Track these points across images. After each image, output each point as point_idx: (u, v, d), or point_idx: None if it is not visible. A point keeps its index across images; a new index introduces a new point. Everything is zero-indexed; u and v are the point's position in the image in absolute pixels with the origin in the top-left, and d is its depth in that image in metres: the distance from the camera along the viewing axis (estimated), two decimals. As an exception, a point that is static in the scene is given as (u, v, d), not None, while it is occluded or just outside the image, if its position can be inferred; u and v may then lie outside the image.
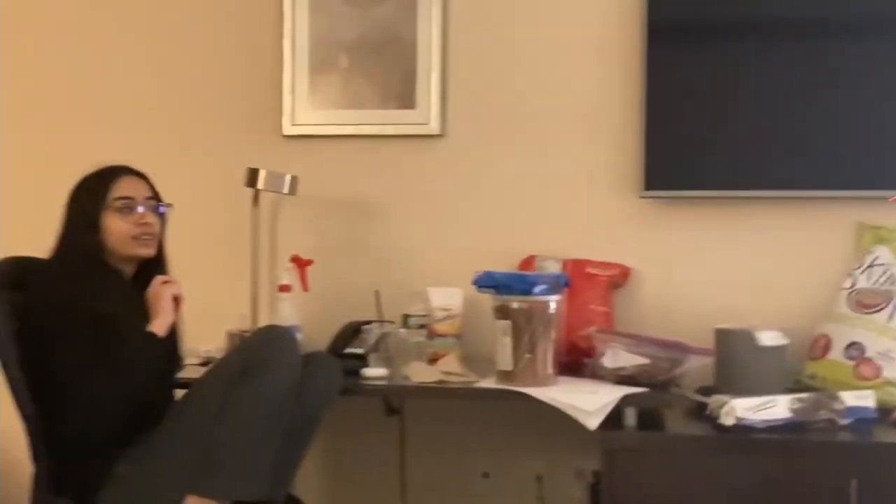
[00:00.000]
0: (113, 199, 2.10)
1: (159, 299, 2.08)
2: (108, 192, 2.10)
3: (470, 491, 2.68)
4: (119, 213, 2.10)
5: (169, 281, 2.12)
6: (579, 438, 2.27)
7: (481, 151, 2.69)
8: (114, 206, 2.10)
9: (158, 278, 2.12)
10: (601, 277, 2.52)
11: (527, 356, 2.17)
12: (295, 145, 2.76)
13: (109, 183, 2.11)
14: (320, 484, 2.70)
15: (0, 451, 2.80)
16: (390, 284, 2.53)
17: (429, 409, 2.66)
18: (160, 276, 2.13)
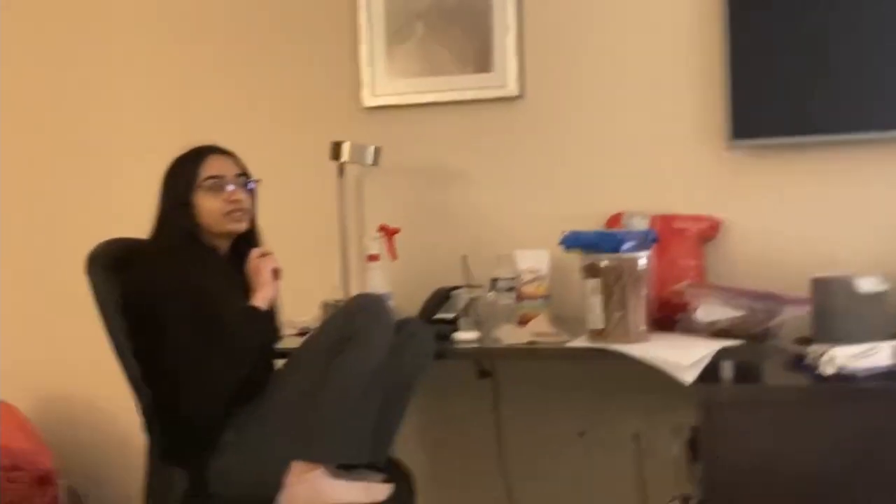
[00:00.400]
0: (203, 178, 2.16)
1: (259, 273, 2.14)
2: (198, 172, 2.16)
3: (566, 450, 2.69)
4: (210, 191, 2.16)
5: (266, 254, 2.18)
6: (675, 395, 2.25)
7: (561, 110, 2.67)
8: (204, 185, 2.16)
9: (255, 251, 2.18)
10: (690, 231, 2.48)
11: (617, 314, 2.16)
12: (376, 116, 2.79)
13: (199, 163, 2.17)
14: (419, 447, 2.75)
15: (115, 422, 2.94)
16: (477, 249, 2.55)
17: (521, 370, 2.67)
18: (257, 249, 2.19)
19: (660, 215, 2.50)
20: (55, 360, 3.08)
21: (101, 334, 2.05)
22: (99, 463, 3.00)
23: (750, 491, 2.02)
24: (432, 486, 2.68)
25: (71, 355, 3.03)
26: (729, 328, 2.15)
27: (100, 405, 3.01)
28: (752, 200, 2.53)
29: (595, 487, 2.67)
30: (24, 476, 2.67)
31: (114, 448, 2.97)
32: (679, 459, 2.43)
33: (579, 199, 2.65)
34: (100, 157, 3.04)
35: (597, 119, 2.65)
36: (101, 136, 3.04)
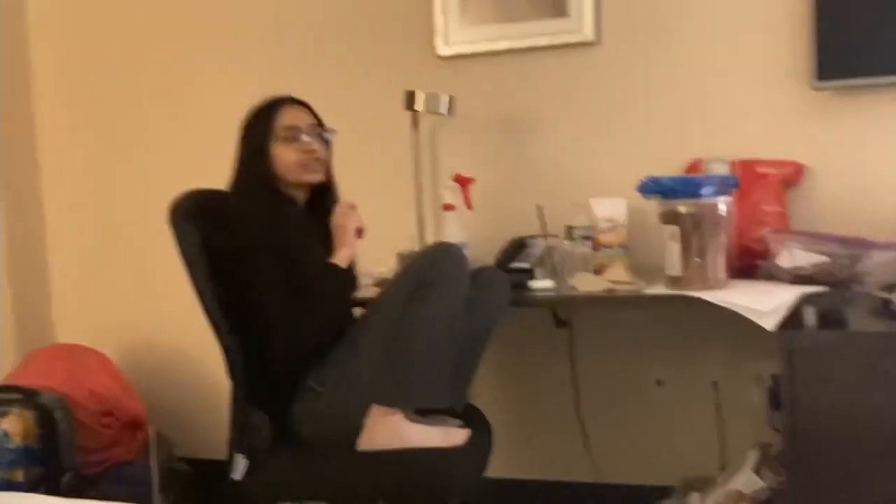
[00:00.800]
0: (279, 129, 2.18)
1: (344, 231, 2.17)
2: (273, 123, 2.18)
3: (644, 399, 2.68)
4: (285, 142, 2.18)
5: (352, 209, 2.19)
6: (756, 342, 2.22)
7: (639, 55, 2.62)
8: (280, 135, 2.18)
9: (342, 204, 2.21)
10: (773, 176, 2.42)
11: (696, 260, 2.13)
12: (450, 65, 2.77)
13: (274, 114, 2.19)
14: (496, 395, 2.77)
15: (202, 369, 3.04)
16: (553, 198, 2.52)
17: (597, 319, 2.66)
18: (344, 202, 2.21)
19: (741, 160, 2.44)
20: (144, 309, 3.18)
21: (187, 283, 2.10)
22: (187, 409, 3.10)
23: (832, 440, 1.98)
24: (509, 434, 2.70)
25: (159, 305, 3.13)
26: (812, 274, 2.11)
27: (187, 353, 3.10)
28: (837, 144, 2.46)
29: (673, 436, 2.65)
30: (115, 421, 2.78)
31: (201, 394, 3.06)
32: (759, 408, 2.40)
33: (657, 145, 2.60)
34: (180, 110, 3.10)
35: (675, 63, 2.59)
36: (182, 91, 3.09)
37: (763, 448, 2.34)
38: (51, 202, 3.29)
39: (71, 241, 3.27)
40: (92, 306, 3.25)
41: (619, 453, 2.71)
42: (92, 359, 2.90)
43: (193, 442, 3.03)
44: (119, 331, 3.18)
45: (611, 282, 2.27)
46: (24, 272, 3.19)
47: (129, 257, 3.18)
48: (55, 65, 3.25)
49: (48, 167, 3.28)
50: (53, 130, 3.26)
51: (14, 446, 2.51)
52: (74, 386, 2.74)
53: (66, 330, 3.25)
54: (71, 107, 3.24)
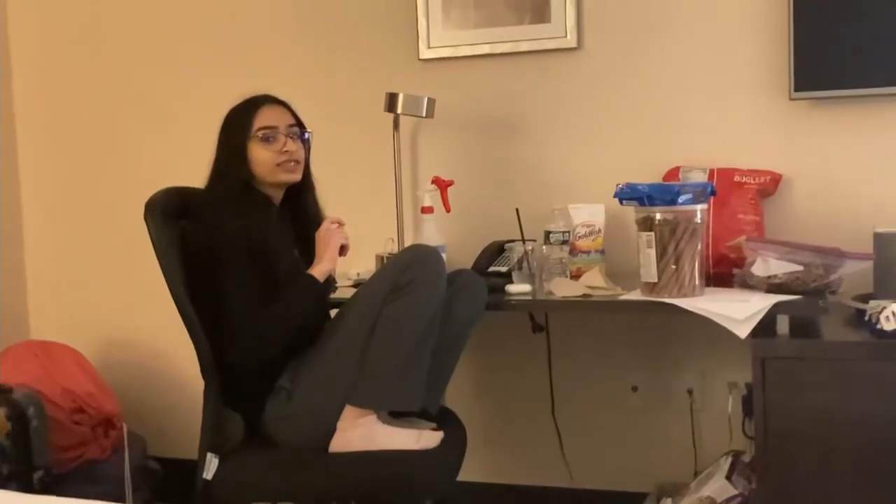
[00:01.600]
0: (256, 129, 2.17)
1: (328, 246, 2.15)
2: (251, 123, 2.17)
3: (620, 405, 2.69)
4: (263, 142, 2.17)
5: (339, 224, 2.18)
6: (730, 351, 2.23)
7: (620, 62, 2.63)
8: (257, 136, 2.17)
9: (331, 219, 2.19)
10: (750, 185, 2.44)
11: (672, 268, 2.14)
12: (431, 68, 2.77)
13: (252, 113, 2.18)
14: (472, 398, 2.77)
15: (176, 368, 3.02)
16: (531, 202, 2.53)
17: (575, 324, 2.67)
18: (332, 218, 2.20)
19: (719, 168, 2.46)
20: (119, 307, 3.16)
21: (163, 282, 2.09)
22: (160, 407, 3.09)
23: (805, 448, 2.00)
24: (484, 437, 2.71)
25: (134, 303, 3.11)
26: (787, 283, 2.12)
27: (161, 351, 3.09)
28: (814, 154, 2.47)
29: (647, 442, 2.66)
30: (88, 419, 2.76)
31: (175, 393, 3.06)
32: (733, 415, 2.42)
33: (636, 152, 2.61)
34: (158, 109, 3.08)
35: (655, 71, 2.60)
36: (160, 89, 3.08)
37: (736, 455, 2.35)
38: (28, 198, 3.26)
39: (48, 238, 3.25)
40: (67, 303, 3.22)
41: (593, 459, 2.72)
42: (66, 356, 2.88)
43: (166, 441, 3.02)
44: (94, 328, 3.16)
45: (588, 287, 2.28)
46: None
47: (106, 254, 3.17)
48: (34, 64, 3.22)
49: (26, 164, 3.26)
50: (31, 128, 3.24)
51: (-15, 443, 2.49)
52: (48, 383, 2.72)
53: (40, 326, 3.23)
54: (49, 105, 3.22)
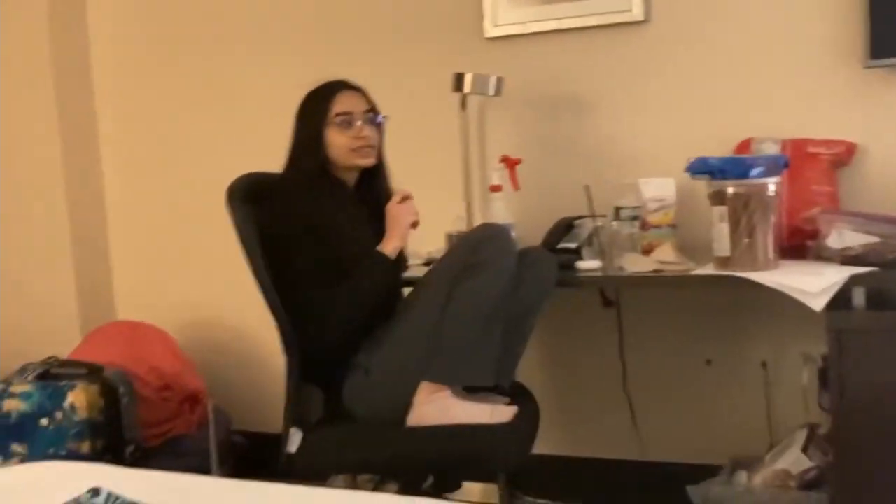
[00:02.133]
0: (333, 114, 2.22)
1: (398, 223, 2.20)
2: (328, 109, 2.23)
3: (693, 379, 2.69)
4: (339, 127, 2.22)
5: (408, 199, 2.22)
6: (805, 323, 2.21)
7: (689, 33, 2.60)
8: (334, 121, 2.22)
9: (398, 194, 2.23)
10: (824, 156, 2.40)
11: (745, 241, 2.13)
12: (498, 46, 2.79)
13: (329, 99, 2.24)
14: (544, 373, 2.80)
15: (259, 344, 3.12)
16: (601, 178, 2.54)
17: (645, 299, 2.67)
18: (401, 192, 2.24)
19: (791, 140, 2.42)
20: (203, 287, 3.27)
21: (245, 264, 2.16)
22: (243, 384, 3.19)
23: (880, 420, 1.99)
24: (556, 411, 2.74)
25: (218, 283, 3.21)
26: (862, 255, 2.09)
27: (243, 330, 3.19)
28: (890, 123, 2.42)
29: (721, 415, 2.66)
30: (175, 396, 2.88)
31: (257, 370, 3.15)
32: (808, 388, 2.40)
33: (707, 125, 2.59)
34: (238, 93, 3.16)
35: (725, 41, 2.57)
36: (239, 74, 3.16)
37: (811, 428, 2.34)
38: (111, 182, 3.39)
39: (132, 221, 3.37)
40: (152, 284, 3.35)
41: (666, 432, 2.72)
42: (153, 335, 3.00)
43: (249, 416, 3.12)
44: (179, 308, 3.28)
45: (659, 262, 2.28)
46: (86, 252, 3.31)
47: (189, 236, 3.27)
48: (114, 46, 3.33)
49: (110, 147, 3.38)
50: (114, 112, 3.36)
51: (79, 419, 2.62)
52: (136, 362, 2.84)
53: (127, 307, 3.36)
54: (131, 89, 3.33)
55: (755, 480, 2.32)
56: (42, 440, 2.64)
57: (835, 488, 2.10)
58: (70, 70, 3.27)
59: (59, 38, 3.24)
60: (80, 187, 3.29)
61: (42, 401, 2.65)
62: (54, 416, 2.64)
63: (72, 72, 3.28)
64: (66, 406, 2.63)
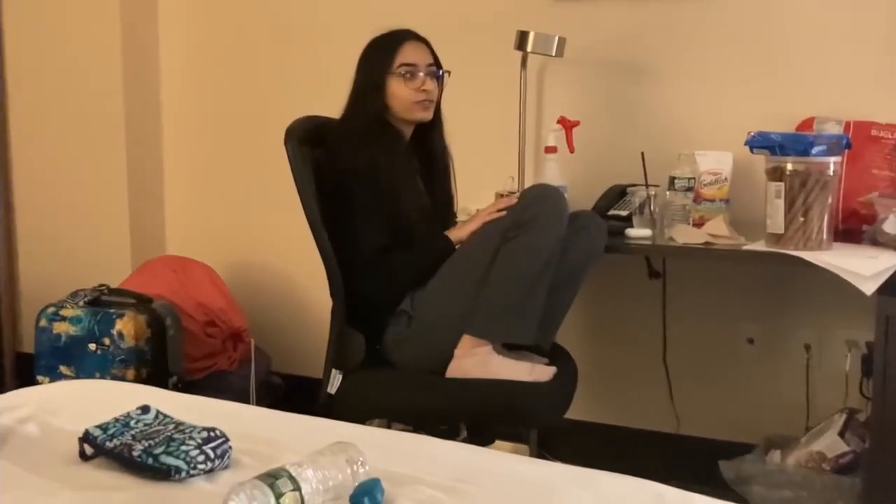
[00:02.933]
0: (398, 65, 2.23)
1: (474, 220, 2.21)
2: (393, 58, 2.23)
3: (733, 356, 2.68)
4: (402, 78, 2.23)
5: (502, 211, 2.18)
6: (851, 309, 2.20)
7: (757, 7, 2.56)
8: (398, 71, 2.23)
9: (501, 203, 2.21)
10: (887, 140, 2.35)
11: (800, 219, 2.10)
12: (563, 7, 2.76)
13: (395, 49, 2.24)
14: (585, 338, 2.80)
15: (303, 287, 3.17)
16: (657, 146, 2.51)
17: (692, 272, 2.66)
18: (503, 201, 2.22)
19: (855, 121, 2.38)
20: (252, 227, 3.31)
21: (296, 205, 2.19)
22: (285, 326, 3.24)
23: (923, 411, 1.97)
24: (594, 377, 2.74)
25: (267, 224, 3.26)
26: (920, 242, 2.06)
27: (289, 274, 3.23)
28: (960, 109, 2.37)
29: (759, 394, 2.65)
30: (218, 332, 2.93)
31: (300, 314, 3.20)
32: (850, 374, 2.38)
33: (768, 101, 2.55)
34: (296, 37, 3.17)
35: (794, 18, 2.52)
36: (297, 18, 3.16)
37: (851, 413, 2.32)
38: (168, 119, 3.43)
39: (186, 159, 3.42)
40: (204, 222, 3.40)
41: (702, 407, 2.72)
42: (201, 272, 3.05)
43: (289, 359, 3.17)
44: (228, 247, 3.33)
45: (710, 235, 2.27)
46: (141, 185, 3.36)
47: (242, 177, 3.31)
48: None
49: (168, 88, 3.41)
50: (173, 53, 3.39)
51: (126, 346, 2.69)
52: (183, 296, 2.90)
53: (177, 243, 3.42)
54: (191, 31, 3.35)
55: (788, 460, 2.31)
56: (89, 364, 2.71)
57: (869, 474, 2.09)
58: (135, 13, 3.30)
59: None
60: (139, 121, 3.34)
61: (91, 326, 2.72)
62: (102, 342, 2.71)
63: (137, 14, 3.31)
64: (115, 333, 2.69)
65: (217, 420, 1.42)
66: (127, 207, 3.30)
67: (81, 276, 3.08)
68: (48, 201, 3.44)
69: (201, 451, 1.34)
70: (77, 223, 3.39)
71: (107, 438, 1.39)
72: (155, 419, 1.45)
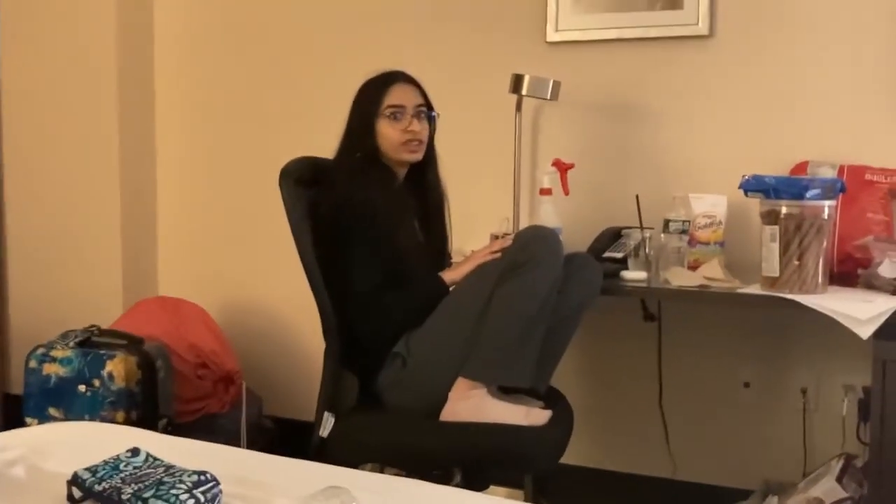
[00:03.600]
0: (385, 106, 2.24)
1: (469, 261, 2.21)
2: (382, 100, 2.24)
3: (730, 400, 2.66)
4: (389, 119, 2.24)
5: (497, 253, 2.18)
6: (848, 353, 2.19)
7: (752, 51, 2.58)
8: (385, 113, 2.24)
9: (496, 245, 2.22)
10: (881, 184, 2.36)
11: (795, 263, 2.10)
12: (559, 51, 2.78)
13: (384, 90, 2.25)
14: (580, 382, 2.78)
15: (297, 330, 3.15)
16: (652, 189, 2.52)
17: (687, 315, 2.65)
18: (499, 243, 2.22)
19: (849, 165, 2.39)
20: (246, 269, 3.30)
21: (290, 248, 2.18)
22: (278, 369, 3.21)
23: (922, 456, 1.95)
24: (590, 421, 2.72)
25: (260, 266, 3.25)
26: (915, 286, 2.06)
27: (283, 315, 3.21)
28: (952, 156, 2.38)
29: (756, 439, 2.63)
30: (210, 374, 2.90)
31: (293, 356, 3.18)
32: (847, 418, 2.36)
33: (763, 144, 2.57)
34: (294, 79, 3.19)
35: (788, 62, 2.55)
36: (296, 61, 3.19)
37: (848, 458, 2.30)
38: (163, 160, 3.43)
39: (180, 200, 3.41)
40: (197, 263, 3.38)
41: (699, 452, 2.70)
42: (193, 313, 3.03)
43: (281, 402, 3.14)
44: (221, 288, 3.31)
45: (705, 278, 2.26)
46: (134, 226, 3.35)
47: (236, 218, 3.31)
48: (175, 31, 3.37)
49: (163, 127, 3.42)
50: (170, 93, 3.40)
51: (116, 388, 2.66)
52: (175, 337, 2.87)
53: (170, 284, 3.40)
54: (187, 70, 3.37)
55: (786, 506, 2.29)
56: (78, 406, 2.68)
57: (868, 521, 2.07)
58: (132, 44, 3.32)
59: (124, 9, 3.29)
60: (133, 160, 3.34)
61: (81, 367, 2.69)
62: (92, 384, 2.68)
63: (134, 45, 3.33)
64: (105, 374, 2.66)
65: (208, 463, 1.40)
66: (120, 247, 3.29)
67: (72, 317, 3.06)
68: (40, 240, 3.43)
69: (191, 495, 1.32)
70: (69, 263, 3.37)
71: (96, 481, 1.37)
72: (145, 462, 1.43)
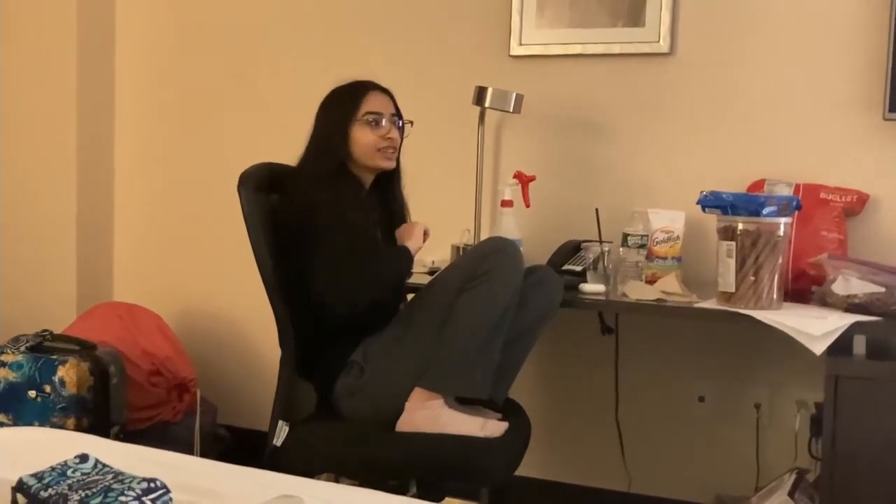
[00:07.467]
0: (363, 112, 2.23)
1: (411, 232, 2.23)
2: (358, 106, 2.23)
3: (685, 413, 2.68)
4: (367, 126, 2.23)
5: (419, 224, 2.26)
6: (802, 369, 2.21)
7: (712, 69, 2.62)
8: (363, 119, 2.23)
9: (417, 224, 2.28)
10: (836, 203, 2.40)
11: (751, 279, 2.13)
12: (521, 65, 2.80)
13: (360, 97, 2.24)
14: (537, 393, 2.79)
15: (252, 338, 3.12)
16: (611, 203, 2.54)
17: (645, 329, 2.67)
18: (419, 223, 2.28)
19: (805, 184, 2.43)
20: (202, 275, 3.27)
21: (248, 255, 2.16)
22: (233, 377, 3.18)
23: (871, 471, 1.98)
24: (547, 433, 2.73)
25: (216, 272, 3.22)
26: (866, 303, 2.09)
27: (239, 323, 3.18)
28: (905, 177, 2.43)
29: (710, 453, 2.65)
30: (164, 381, 2.86)
31: (248, 365, 3.15)
32: (800, 434, 2.39)
33: (721, 162, 2.60)
34: (254, 87, 3.17)
35: (747, 82, 2.58)
36: (256, 69, 3.17)
37: (800, 473, 2.32)
38: (123, 164, 3.38)
39: (137, 205, 3.37)
40: (152, 269, 3.34)
41: (653, 465, 2.71)
42: (148, 319, 2.99)
43: (236, 411, 3.11)
44: (177, 295, 3.27)
45: (663, 292, 2.28)
46: (90, 230, 3.30)
47: (193, 223, 3.27)
48: (135, 34, 3.34)
49: (121, 131, 3.38)
50: (128, 96, 3.36)
51: (67, 394, 2.60)
52: (129, 344, 2.83)
53: (125, 290, 3.36)
54: (146, 74, 3.33)
55: (739, 521, 2.31)
56: (28, 412, 2.62)
57: (819, 535, 2.09)
58: (92, 52, 3.28)
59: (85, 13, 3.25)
60: (90, 167, 3.29)
61: (32, 373, 2.64)
62: (43, 390, 2.62)
63: (94, 54, 3.29)
64: (56, 380, 2.61)
65: (158, 471, 1.37)
66: (75, 251, 3.24)
67: (24, 321, 3.00)
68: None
69: (140, 503, 1.29)
70: (21, 266, 3.31)
71: (42, 488, 1.34)
72: (93, 468, 1.40)
